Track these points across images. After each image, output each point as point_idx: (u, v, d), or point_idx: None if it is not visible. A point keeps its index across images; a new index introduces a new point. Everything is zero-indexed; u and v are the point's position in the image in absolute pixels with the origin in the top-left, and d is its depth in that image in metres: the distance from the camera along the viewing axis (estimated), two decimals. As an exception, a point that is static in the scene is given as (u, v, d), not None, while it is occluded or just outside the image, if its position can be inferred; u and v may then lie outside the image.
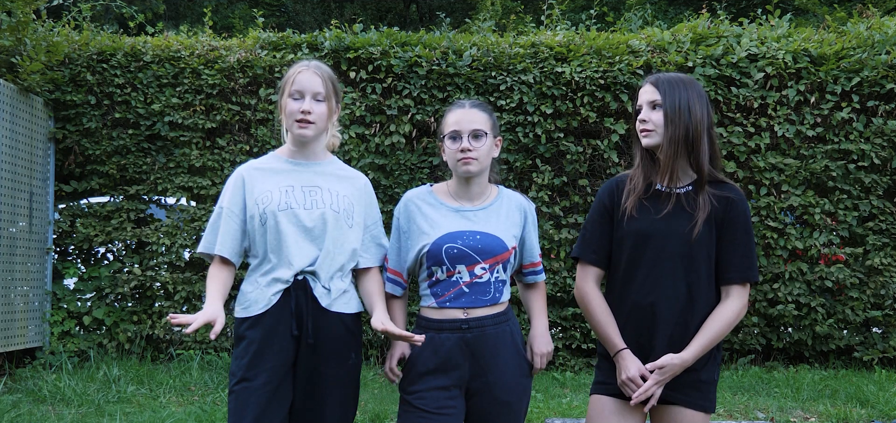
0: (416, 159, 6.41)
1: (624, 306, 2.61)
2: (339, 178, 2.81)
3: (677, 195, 2.57)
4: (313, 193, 2.72)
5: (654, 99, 2.57)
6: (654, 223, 2.56)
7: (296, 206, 2.69)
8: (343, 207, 2.73)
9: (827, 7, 12.77)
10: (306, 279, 2.67)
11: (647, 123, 2.57)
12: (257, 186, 2.73)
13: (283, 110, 2.77)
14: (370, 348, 6.52)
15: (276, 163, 2.80)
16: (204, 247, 2.78)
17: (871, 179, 6.22)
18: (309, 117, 2.71)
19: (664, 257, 2.54)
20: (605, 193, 2.69)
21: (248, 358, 2.64)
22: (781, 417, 5.04)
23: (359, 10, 18.92)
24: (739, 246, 2.55)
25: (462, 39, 6.61)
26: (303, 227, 2.68)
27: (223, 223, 2.73)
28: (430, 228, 2.69)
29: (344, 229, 2.72)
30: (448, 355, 2.64)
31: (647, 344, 2.55)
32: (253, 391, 2.60)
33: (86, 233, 6.52)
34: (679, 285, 2.53)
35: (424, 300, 2.73)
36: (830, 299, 6.34)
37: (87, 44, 6.60)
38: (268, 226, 2.67)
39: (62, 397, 5.34)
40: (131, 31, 8.68)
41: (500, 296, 2.68)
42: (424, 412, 2.61)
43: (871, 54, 6.24)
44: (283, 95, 2.76)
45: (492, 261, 2.65)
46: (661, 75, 2.62)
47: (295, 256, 2.66)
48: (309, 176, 2.76)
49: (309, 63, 2.77)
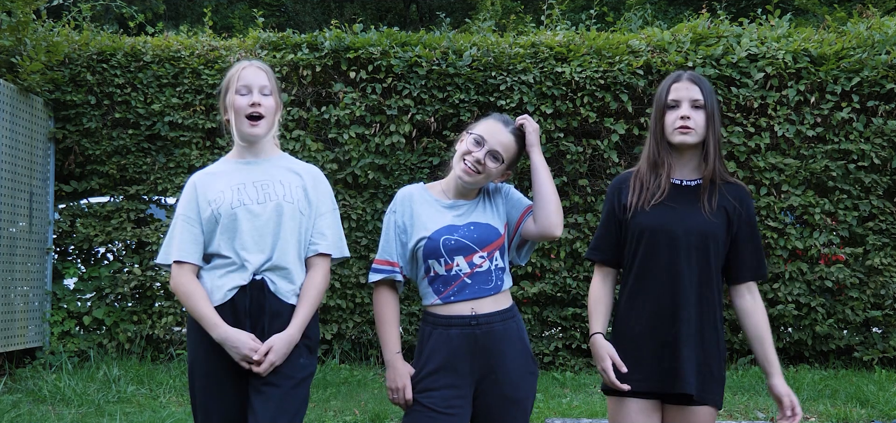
0: (416, 159, 6.41)
1: (640, 300, 2.62)
2: (291, 170, 2.81)
3: (691, 188, 2.62)
4: (265, 187, 2.74)
5: (697, 99, 2.59)
6: (668, 216, 2.59)
7: (249, 202, 2.70)
8: (296, 197, 2.75)
9: (827, 7, 12.76)
10: (264, 279, 2.68)
11: (690, 121, 2.58)
12: (209, 189, 2.74)
13: (229, 109, 2.77)
14: (370, 348, 6.52)
15: (226, 166, 2.82)
16: (162, 258, 2.79)
17: (871, 179, 6.22)
18: (259, 110, 2.73)
19: (681, 247, 2.56)
20: (613, 193, 2.72)
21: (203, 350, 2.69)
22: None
23: (359, 10, 18.91)
24: (751, 244, 2.64)
25: (462, 39, 6.61)
26: (257, 221, 2.69)
27: (179, 231, 2.74)
28: (426, 223, 2.71)
29: (298, 218, 2.73)
30: (458, 352, 2.64)
31: (670, 338, 2.56)
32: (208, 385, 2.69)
33: (86, 233, 6.52)
34: (693, 277, 2.56)
35: (426, 298, 2.72)
36: (830, 299, 6.34)
37: (87, 44, 6.61)
38: (222, 224, 2.69)
39: (62, 397, 5.34)
40: (131, 31, 8.67)
41: (502, 284, 2.69)
42: (433, 411, 2.61)
43: (871, 54, 6.23)
44: (228, 93, 2.77)
45: (489, 248, 2.67)
46: (697, 75, 2.65)
47: (251, 252, 2.67)
48: (260, 172, 2.77)
49: (251, 61, 2.81)
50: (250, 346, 2.61)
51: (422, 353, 2.70)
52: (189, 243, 2.72)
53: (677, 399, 2.58)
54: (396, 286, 2.78)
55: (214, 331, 2.63)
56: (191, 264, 2.71)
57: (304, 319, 2.70)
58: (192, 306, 2.68)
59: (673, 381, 2.54)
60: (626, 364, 2.61)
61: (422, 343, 2.71)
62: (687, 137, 2.59)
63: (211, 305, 2.67)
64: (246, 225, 2.68)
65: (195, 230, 2.73)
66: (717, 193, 2.60)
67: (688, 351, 2.54)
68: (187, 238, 2.72)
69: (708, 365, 2.57)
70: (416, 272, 2.76)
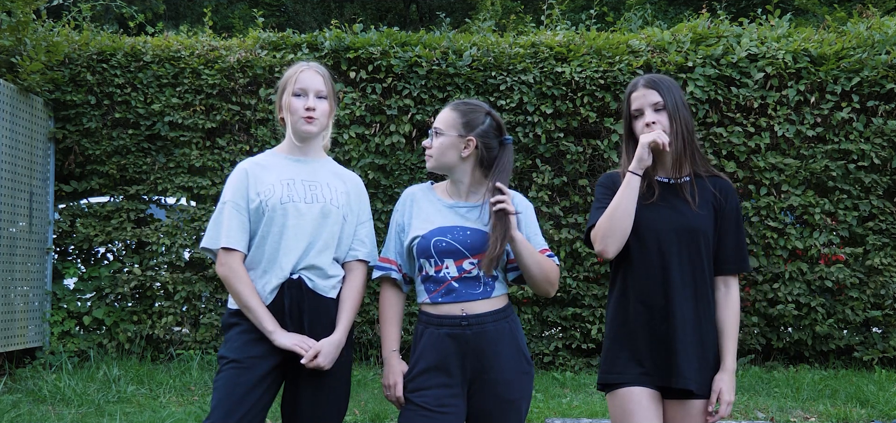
0: (416, 159, 6.41)
1: (632, 299, 2.63)
2: (336, 175, 2.89)
3: (677, 186, 2.65)
4: (313, 188, 2.80)
5: (656, 102, 2.64)
6: (657, 214, 2.61)
7: (297, 199, 2.75)
8: (341, 202, 2.81)
9: (827, 7, 12.77)
10: (301, 277, 2.72)
11: (656, 125, 2.63)
12: (260, 181, 2.78)
13: (285, 109, 2.84)
14: (371, 348, 6.53)
15: (275, 159, 2.86)
16: (209, 242, 2.78)
17: (871, 179, 6.22)
18: (314, 114, 2.79)
19: (670, 244, 2.58)
20: (608, 180, 2.74)
21: (238, 343, 2.69)
22: (781, 417, 5.04)
23: (359, 10, 18.92)
24: (733, 236, 2.65)
25: (462, 39, 6.61)
26: (302, 220, 2.73)
27: (227, 217, 2.75)
28: (423, 222, 2.73)
29: (341, 223, 2.80)
30: (448, 352, 2.64)
31: (664, 336, 2.57)
32: (242, 371, 2.64)
33: (86, 233, 6.52)
34: (686, 274, 2.58)
35: (420, 296, 2.75)
36: (830, 299, 6.34)
37: (87, 44, 6.61)
38: (267, 217, 2.72)
39: (62, 397, 5.34)
40: (131, 31, 8.68)
41: (491, 291, 2.69)
42: (426, 410, 2.61)
43: (871, 54, 6.23)
44: (285, 93, 2.84)
45: (480, 256, 2.66)
46: (654, 77, 2.69)
47: (292, 248, 2.71)
48: (308, 172, 2.83)
49: (309, 63, 2.87)
50: (300, 346, 2.65)
51: (414, 352, 2.72)
52: (237, 231, 2.74)
53: (677, 394, 2.59)
54: (400, 285, 2.80)
55: (262, 324, 2.66)
56: (239, 252, 2.73)
57: (349, 323, 2.78)
58: (239, 293, 2.68)
59: (673, 377, 2.56)
60: (626, 359, 2.63)
61: (415, 342, 2.74)
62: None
63: (259, 297, 2.69)
64: (292, 221, 2.72)
65: (243, 218, 2.75)
66: (699, 188, 2.64)
67: (685, 348, 2.55)
68: (235, 225, 2.74)
69: (707, 359, 2.59)
70: (413, 270, 2.78)
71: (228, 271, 2.71)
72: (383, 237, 2.90)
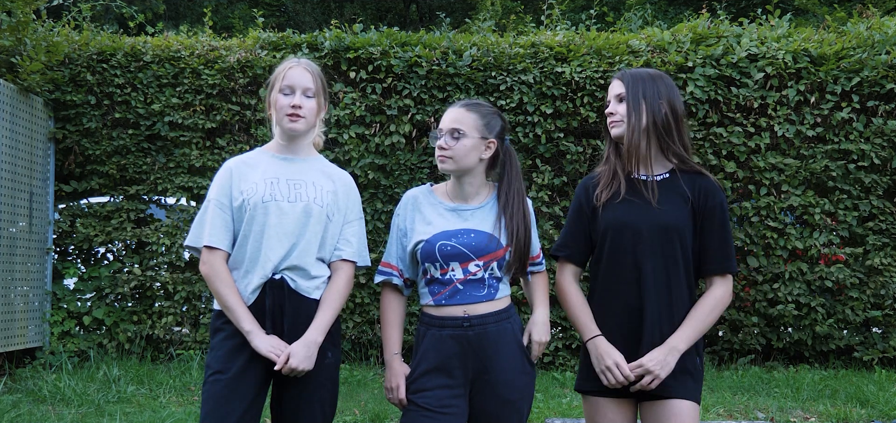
0: (416, 159, 6.41)
1: (608, 298, 2.64)
2: (324, 174, 2.84)
3: (654, 183, 2.63)
4: (297, 187, 2.76)
5: (619, 92, 2.68)
6: (631, 211, 2.61)
7: (280, 198, 2.72)
8: (326, 202, 2.77)
9: (827, 7, 12.77)
10: (283, 277, 2.69)
11: (615, 116, 2.68)
12: (243, 179, 2.76)
13: (272, 106, 2.82)
14: (370, 348, 6.53)
15: (262, 157, 2.84)
16: (192, 240, 2.78)
17: (871, 179, 6.22)
18: (299, 112, 2.76)
19: (642, 243, 2.58)
20: (581, 191, 2.76)
21: (223, 351, 2.67)
22: (781, 417, 5.04)
23: (359, 10, 18.91)
24: (716, 237, 2.61)
25: (462, 39, 6.61)
26: (284, 219, 2.70)
27: (211, 216, 2.74)
28: (426, 225, 2.72)
29: (325, 222, 2.76)
30: (450, 353, 2.64)
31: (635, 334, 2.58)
32: (227, 383, 2.63)
33: (86, 233, 6.52)
34: (658, 272, 2.57)
35: (423, 298, 2.75)
36: (830, 299, 6.34)
37: (87, 44, 6.60)
38: (249, 215, 2.70)
39: (62, 397, 5.34)
40: (131, 31, 8.68)
41: (495, 292, 2.69)
42: (428, 411, 2.62)
43: (871, 54, 6.23)
44: (273, 90, 2.81)
45: (486, 259, 2.66)
46: (627, 71, 2.72)
47: (274, 248, 2.68)
48: (295, 170, 2.80)
49: (299, 60, 2.83)
50: (273, 353, 2.62)
51: (416, 353, 2.72)
52: (220, 229, 2.72)
53: (651, 396, 2.58)
54: (401, 289, 2.79)
55: (241, 324, 2.64)
56: (222, 251, 2.72)
57: (326, 323, 2.71)
58: (219, 292, 2.67)
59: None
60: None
61: (417, 343, 2.74)
62: (615, 129, 2.69)
63: (239, 296, 2.67)
64: (274, 220, 2.69)
65: (226, 217, 2.74)
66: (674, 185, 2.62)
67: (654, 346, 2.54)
68: (219, 224, 2.73)
69: (681, 360, 2.55)
70: (416, 273, 2.77)
71: (210, 270, 2.70)
72: (384, 238, 2.90)
